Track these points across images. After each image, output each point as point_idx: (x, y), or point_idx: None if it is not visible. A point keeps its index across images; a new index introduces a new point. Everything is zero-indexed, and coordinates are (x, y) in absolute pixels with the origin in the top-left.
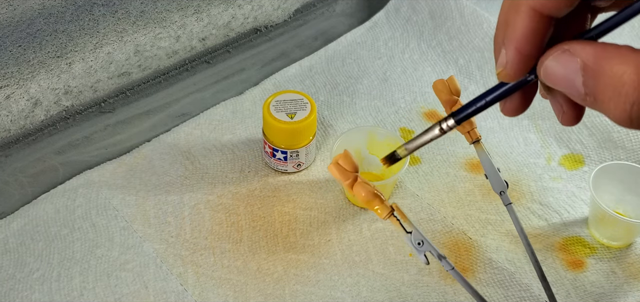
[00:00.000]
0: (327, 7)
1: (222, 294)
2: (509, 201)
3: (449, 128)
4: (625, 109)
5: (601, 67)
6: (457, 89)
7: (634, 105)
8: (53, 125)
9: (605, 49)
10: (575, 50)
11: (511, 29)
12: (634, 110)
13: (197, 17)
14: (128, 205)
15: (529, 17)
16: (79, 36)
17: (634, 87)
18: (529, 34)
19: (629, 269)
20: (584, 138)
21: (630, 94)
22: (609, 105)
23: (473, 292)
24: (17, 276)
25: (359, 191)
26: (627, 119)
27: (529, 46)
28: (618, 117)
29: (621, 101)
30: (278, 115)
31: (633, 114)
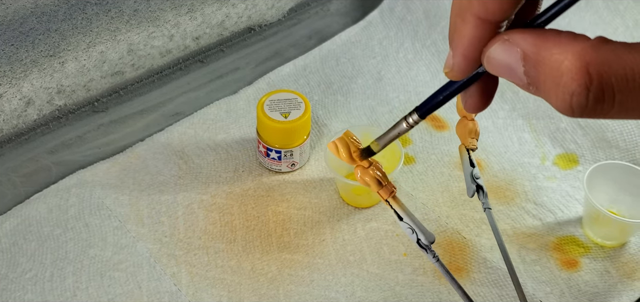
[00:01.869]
0: (321, 6)
1: (216, 294)
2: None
3: (415, 122)
4: (565, 98)
5: (541, 56)
6: (476, 131)
7: (573, 95)
8: (46, 125)
9: (545, 37)
10: (515, 39)
11: (458, 35)
12: (574, 100)
13: (190, 16)
14: (121, 205)
15: (473, 25)
16: (72, 35)
17: (571, 77)
18: (474, 40)
19: (623, 268)
20: (578, 138)
21: (569, 84)
22: (550, 95)
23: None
24: (10, 276)
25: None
26: (568, 108)
27: (474, 50)
28: (559, 107)
29: (560, 91)
30: (272, 115)
31: (573, 104)
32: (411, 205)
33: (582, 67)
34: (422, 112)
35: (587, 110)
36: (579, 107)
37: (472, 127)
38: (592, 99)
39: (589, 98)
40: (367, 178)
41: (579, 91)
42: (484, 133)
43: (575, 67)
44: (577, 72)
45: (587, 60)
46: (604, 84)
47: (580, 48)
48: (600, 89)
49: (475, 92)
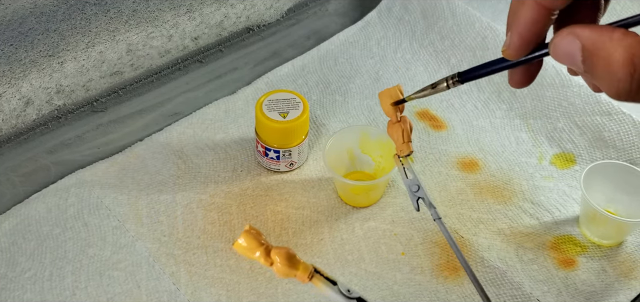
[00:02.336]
0: (319, 6)
1: (214, 293)
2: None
3: (453, 85)
4: (613, 84)
5: (596, 48)
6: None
7: (620, 82)
8: (45, 125)
9: (601, 32)
10: (577, 32)
11: (516, 17)
12: (621, 86)
13: (189, 16)
14: (120, 204)
15: (531, 9)
16: (71, 35)
17: (619, 66)
18: (531, 23)
19: (620, 267)
20: (575, 137)
21: (617, 71)
22: (602, 80)
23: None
24: (9, 275)
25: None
26: (615, 93)
27: (529, 33)
28: (608, 91)
29: (610, 77)
30: (270, 115)
31: (620, 89)
32: (409, 204)
33: (628, 59)
34: (464, 79)
35: (631, 95)
36: (624, 92)
37: (404, 129)
38: (635, 85)
39: (633, 85)
40: None
41: (624, 78)
42: (481, 133)
43: (623, 58)
44: (624, 62)
45: (633, 52)
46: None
47: (629, 43)
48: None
49: (521, 70)
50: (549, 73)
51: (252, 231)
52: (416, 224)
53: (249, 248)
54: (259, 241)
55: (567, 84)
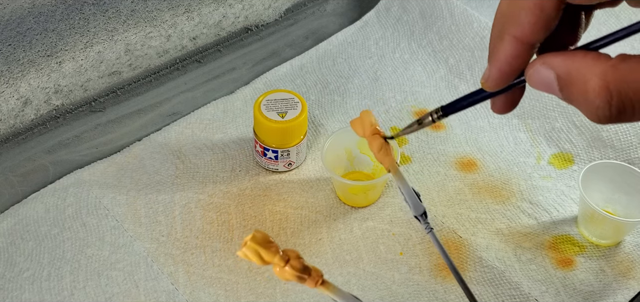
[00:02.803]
0: (317, 6)
1: (213, 293)
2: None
3: (438, 118)
4: (592, 111)
5: (570, 77)
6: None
7: (598, 109)
8: (43, 125)
9: (574, 59)
10: (549, 62)
11: (496, 51)
12: (600, 113)
13: (187, 16)
14: (119, 204)
15: (510, 44)
16: (69, 35)
17: (595, 95)
18: (511, 58)
19: (618, 267)
20: (573, 137)
21: (594, 100)
22: (581, 107)
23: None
24: (7, 275)
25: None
26: (596, 119)
27: (509, 68)
28: (589, 118)
29: (588, 105)
30: (269, 115)
31: (600, 116)
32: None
33: (603, 86)
34: (447, 112)
35: (612, 120)
36: (604, 118)
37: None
38: (614, 111)
39: (612, 111)
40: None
41: (603, 106)
42: (479, 133)
43: (598, 87)
44: (600, 90)
45: (608, 79)
46: (624, 98)
47: (601, 69)
48: (620, 102)
49: (504, 98)
50: None
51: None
52: (414, 224)
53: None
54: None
55: None
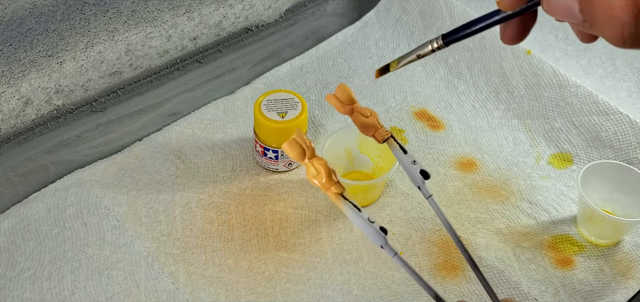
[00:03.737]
0: (317, 6)
1: (213, 292)
2: (428, 194)
3: (438, 48)
4: (617, 31)
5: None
6: (349, 98)
7: (624, 26)
8: (44, 125)
9: None
10: None
11: None
12: (625, 31)
13: (188, 16)
14: (119, 204)
15: None
16: (70, 35)
17: (622, 10)
18: None
19: (617, 266)
20: (572, 137)
21: (620, 15)
22: (604, 29)
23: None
24: (8, 275)
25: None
26: (619, 40)
27: None
28: (612, 39)
29: (613, 23)
30: (269, 115)
31: (625, 35)
32: (407, 204)
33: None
34: (447, 41)
35: (638, 39)
36: (630, 37)
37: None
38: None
39: (639, 27)
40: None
41: (629, 21)
42: (479, 133)
43: (627, 1)
44: (627, 4)
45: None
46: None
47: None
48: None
49: (515, 24)
50: (546, 73)
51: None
52: (414, 224)
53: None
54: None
55: (565, 84)
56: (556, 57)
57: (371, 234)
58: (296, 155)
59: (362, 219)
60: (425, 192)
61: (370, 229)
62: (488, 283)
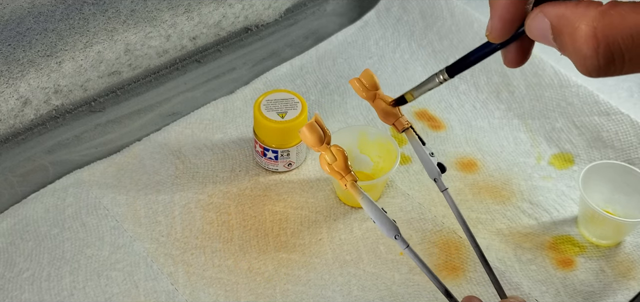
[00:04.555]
0: (317, 6)
1: (213, 293)
2: (444, 187)
3: (444, 80)
4: (581, 62)
5: (562, 24)
6: (373, 83)
7: (586, 59)
8: (43, 125)
9: (567, 6)
10: (545, 10)
11: (495, 2)
12: (588, 63)
13: (187, 16)
14: (118, 204)
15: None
16: (69, 35)
17: (583, 43)
18: (508, 5)
19: (618, 267)
20: (573, 137)
21: (582, 48)
22: (572, 58)
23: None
24: (7, 275)
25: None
26: (585, 70)
27: (509, 15)
28: (579, 69)
29: (578, 55)
30: (269, 115)
31: (588, 66)
32: (407, 204)
33: (591, 34)
34: (451, 72)
35: (601, 71)
36: (593, 69)
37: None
38: (602, 61)
39: (600, 60)
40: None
41: (591, 54)
42: (479, 133)
43: (586, 34)
44: (587, 38)
45: (595, 26)
46: (612, 46)
47: (591, 16)
48: (608, 50)
49: (513, 49)
50: (547, 73)
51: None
52: (415, 224)
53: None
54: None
55: (566, 84)
56: (557, 57)
57: (385, 224)
58: (314, 139)
59: (377, 209)
60: (440, 185)
61: (385, 219)
62: (497, 279)
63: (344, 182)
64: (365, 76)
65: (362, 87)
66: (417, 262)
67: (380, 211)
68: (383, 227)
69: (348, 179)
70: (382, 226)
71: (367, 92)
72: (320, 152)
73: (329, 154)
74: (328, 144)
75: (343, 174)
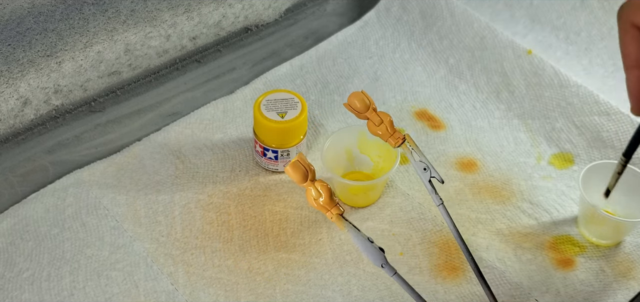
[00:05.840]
0: (317, 6)
1: (212, 293)
2: (439, 202)
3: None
4: None
5: None
6: (363, 105)
7: None
8: (43, 125)
9: None
10: None
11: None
12: None
13: (187, 16)
14: (118, 204)
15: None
16: (69, 35)
17: None
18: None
19: (618, 267)
20: (573, 137)
21: None
22: None
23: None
24: (7, 275)
25: None
26: None
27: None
28: None
29: None
30: (269, 115)
31: None
32: (407, 204)
33: None
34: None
35: None
36: None
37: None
38: None
39: None
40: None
41: None
42: (479, 133)
43: None
44: None
45: None
46: None
47: None
48: None
49: None
50: (547, 73)
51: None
52: (414, 224)
53: (296, 177)
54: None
55: (566, 84)
56: (557, 57)
57: (371, 253)
58: (299, 177)
59: (363, 239)
60: (435, 200)
61: (371, 248)
62: (489, 286)
63: (330, 215)
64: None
65: (355, 112)
66: (406, 288)
67: (365, 240)
68: (369, 256)
69: (334, 212)
70: (369, 255)
71: (359, 115)
72: (306, 188)
73: (314, 189)
74: (312, 180)
75: (328, 208)
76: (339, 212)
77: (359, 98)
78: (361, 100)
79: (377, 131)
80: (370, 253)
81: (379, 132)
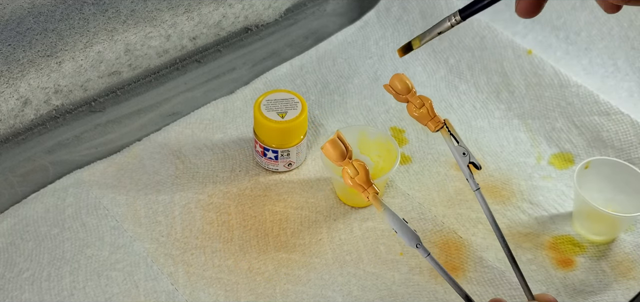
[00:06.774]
0: (317, 6)
1: (213, 293)
2: (476, 187)
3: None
4: None
5: None
6: (405, 87)
7: None
8: (43, 125)
9: None
10: None
11: None
12: None
13: (187, 16)
14: (118, 204)
15: None
16: (69, 35)
17: None
18: None
19: (618, 267)
20: (573, 137)
21: None
22: None
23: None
24: (7, 275)
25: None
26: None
27: None
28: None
29: None
30: (269, 115)
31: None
32: (407, 204)
33: None
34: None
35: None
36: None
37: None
38: None
39: None
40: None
41: None
42: (479, 133)
43: None
44: None
45: None
46: None
47: None
48: None
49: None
50: (547, 73)
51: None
52: (415, 224)
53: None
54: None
55: (566, 84)
56: (557, 57)
57: (406, 234)
58: (337, 155)
59: (399, 220)
60: (472, 184)
61: (406, 229)
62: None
63: (366, 194)
64: (396, 81)
65: (394, 93)
66: (438, 269)
67: (401, 221)
68: (405, 237)
69: (370, 191)
70: (404, 235)
71: (399, 97)
72: (343, 167)
73: (351, 168)
74: (350, 159)
75: (365, 187)
76: (375, 192)
77: (400, 80)
78: (403, 83)
79: (416, 114)
80: (405, 234)
81: (418, 115)
